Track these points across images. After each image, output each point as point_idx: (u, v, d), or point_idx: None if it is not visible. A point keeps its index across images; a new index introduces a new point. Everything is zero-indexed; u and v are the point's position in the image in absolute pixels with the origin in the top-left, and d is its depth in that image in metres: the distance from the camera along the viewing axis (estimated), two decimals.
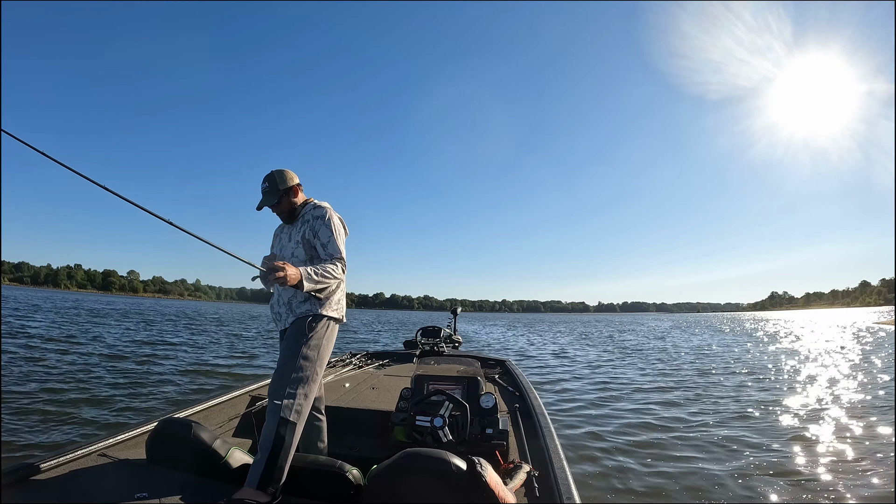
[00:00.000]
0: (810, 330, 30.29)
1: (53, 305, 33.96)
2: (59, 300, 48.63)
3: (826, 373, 10.18)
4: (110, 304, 47.17)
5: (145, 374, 8.30)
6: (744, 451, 4.75)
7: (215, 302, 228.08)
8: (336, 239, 2.39)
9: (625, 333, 28.97)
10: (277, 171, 2.45)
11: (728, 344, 19.36)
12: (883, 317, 53.97)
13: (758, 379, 9.47)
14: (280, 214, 2.52)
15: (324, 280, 2.25)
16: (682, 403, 7.03)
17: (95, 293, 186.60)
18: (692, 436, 5.26)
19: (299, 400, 2.09)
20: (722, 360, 13.24)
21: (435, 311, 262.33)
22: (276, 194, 2.43)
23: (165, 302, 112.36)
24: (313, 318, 2.30)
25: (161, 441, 2.04)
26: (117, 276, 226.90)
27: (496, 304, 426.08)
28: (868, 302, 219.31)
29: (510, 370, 4.40)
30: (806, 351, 15.50)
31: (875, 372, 10.23)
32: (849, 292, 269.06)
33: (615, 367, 11.61)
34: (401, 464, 1.75)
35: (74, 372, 7.96)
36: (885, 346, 17.23)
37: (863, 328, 30.70)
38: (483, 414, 2.63)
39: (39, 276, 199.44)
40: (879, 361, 12.22)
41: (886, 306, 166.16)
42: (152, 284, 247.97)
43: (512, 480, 2.00)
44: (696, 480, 4.00)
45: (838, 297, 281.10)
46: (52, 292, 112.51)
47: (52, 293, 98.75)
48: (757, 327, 37.75)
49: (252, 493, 1.81)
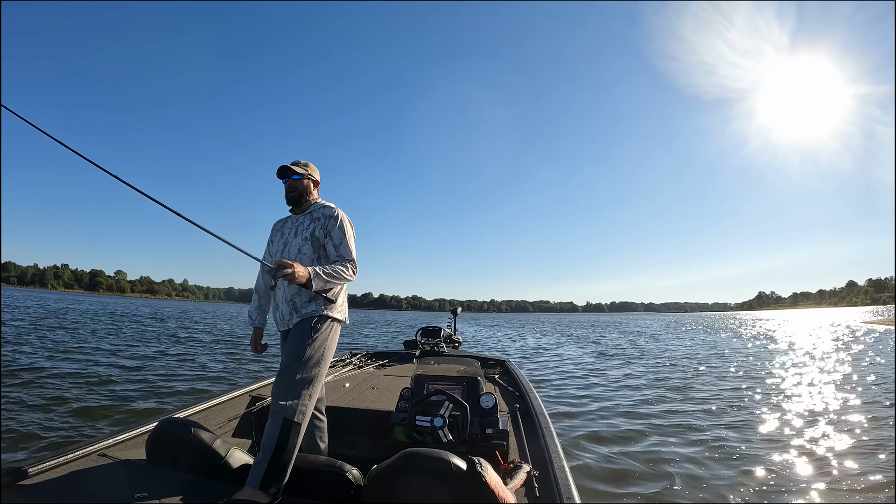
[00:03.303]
0: (805, 331, 30.15)
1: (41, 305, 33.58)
2: (48, 300, 48.03)
3: (824, 373, 10.27)
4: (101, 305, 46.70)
5: (144, 374, 8.25)
6: (744, 450, 4.76)
7: (203, 302, 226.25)
8: (349, 241, 2.40)
9: (618, 333, 29.04)
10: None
11: (723, 344, 19.42)
12: (871, 316, 54.44)
13: (756, 379, 9.50)
14: (290, 193, 2.49)
15: (332, 281, 2.25)
16: (682, 404, 7.06)
17: (83, 293, 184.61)
18: (692, 436, 5.28)
19: (304, 401, 2.09)
20: (718, 360, 13.31)
21: (423, 312, 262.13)
22: (303, 173, 2.48)
23: (154, 302, 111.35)
24: (318, 319, 2.30)
25: (161, 441, 2.03)
26: (104, 276, 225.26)
27: (484, 303, 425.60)
28: (855, 302, 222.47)
29: (510, 370, 4.41)
30: (807, 350, 15.63)
31: (872, 371, 10.39)
32: (836, 292, 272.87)
33: (613, 368, 11.65)
34: (401, 464, 1.75)
35: (75, 371, 7.91)
36: (875, 344, 17.54)
37: (855, 328, 30.88)
38: (483, 414, 2.63)
39: (26, 275, 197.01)
40: (882, 359, 12.42)
41: (873, 306, 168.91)
42: (140, 284, 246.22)
43: (512, 480, 2.00)
44: (696, 480, 4.01)
45: (825, 296, 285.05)
46: (39, 292, 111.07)
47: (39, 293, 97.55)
48: (754, 327, 37.68)
49: (253, 494, 1.80)
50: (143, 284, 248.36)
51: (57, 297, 77.48)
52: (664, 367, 11.76)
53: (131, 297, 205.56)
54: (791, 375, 9.94)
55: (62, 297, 69.14)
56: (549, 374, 10.27)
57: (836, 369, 10.77)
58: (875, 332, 26.38)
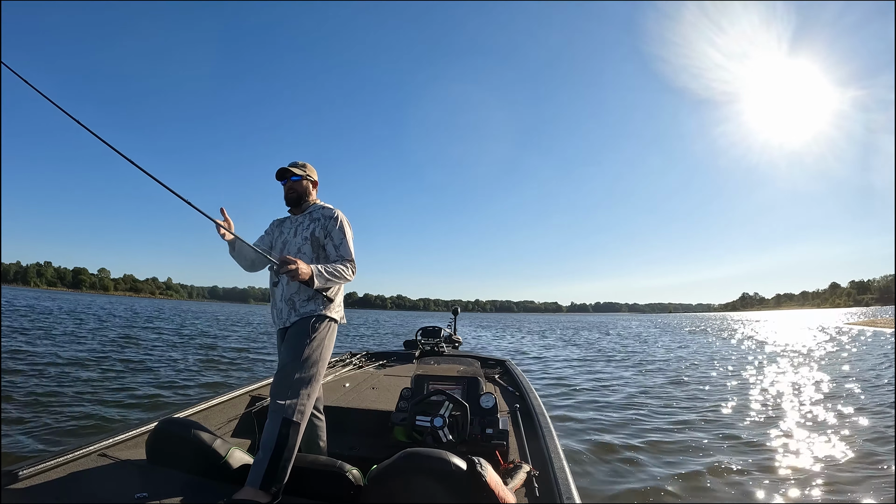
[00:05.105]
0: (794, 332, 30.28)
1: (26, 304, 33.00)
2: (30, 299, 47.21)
3: (821, 372, 10.43)
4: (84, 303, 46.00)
5: (144, 375, 8.20)
6: (744, 450, 4.80)
7: (187, 300, 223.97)
8: (348, 241, 2.42)
9: (609, 335, 29.17)
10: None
11: (715, 345, 19.56)
12: (855, 318, 55.10)
13: (756, 379, 9.60)
14: (289, 194, 2.51)
15: (333, 280, 2.27)
16: (682, 404, 7.10)
17: (66, 291, 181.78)
18: (692, 436, 5.31)
19: (302, 400, 2.09)
20: (715, 360, 13.41)
21: (408, 311, 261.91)
22: (301, 174, 2.49)
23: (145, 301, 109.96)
24: (317, 318, 2.30)
25: (161, 441, 2.02)
26: (87, 274, 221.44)
27: (469, 303, 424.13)
28: (838, 303, 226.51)
29: (510, 370, 4.41)
30: (800, 352, 15.78)
31: (867, 371, 10.57)
32: (818, 294, 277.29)
33: (612, 368, 11.71)
34: (401, 464, 1.75)
35: (74, 372, 7.85)
36: (866, 345, 17.95)
37: (841, 329, 31.23)
38: (483, 414, 2.65)
39: (9, 273, 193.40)
40: (872, 360, 12.65)
41: (856, 307, 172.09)
42: (123, 283, 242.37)
43: (512, 480, 2.01)
44: (696, 480, 4.03)
45: (808, 298, 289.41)
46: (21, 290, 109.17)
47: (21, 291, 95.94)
48: (746, 328, 37.85)
49: (253, 493, 1.80)
50: (127, 283, 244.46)
51: (37, 294, 76.18)
52: (664, 368, 11.83)
53: (114, 295, 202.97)
54: (790, 375, 10.10)
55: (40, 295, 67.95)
56: (549, 374, 10.31)
57: (835, 369, 10.94)
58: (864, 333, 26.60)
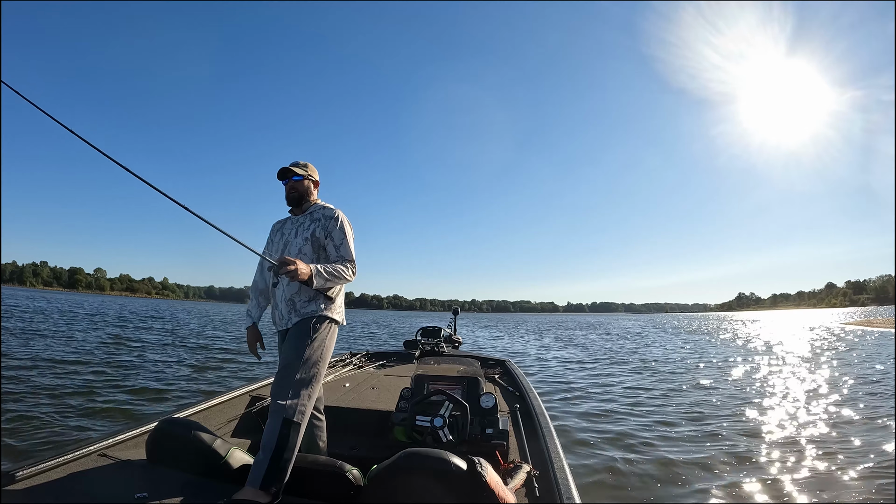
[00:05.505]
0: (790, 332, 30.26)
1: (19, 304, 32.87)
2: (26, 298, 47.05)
3: (819, 373, 10.46)
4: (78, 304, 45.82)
5: (143, 375, 8.20)
6: (744, 450, 4.80)
7: (183, 300, 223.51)
8: (349, 242, 2.42)
9: (610, 334, 29.19)
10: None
11: (711, 346, 19.59)
12: (851, 318, 55.26)
13: (754, 379, 9.63)
14: (291, 194, 2.50)
15: (333, 280, 2.28)
16: (682, 404, 7.10)
17: (62, 291, 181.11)
18: (692, 436, 5.32)
19: (303, 401, 2.09)
20: (714, 361, 13.43)
21: (404, 311, 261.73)
22: (303, 174, 2.49)
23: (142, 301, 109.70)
24: (317, 319, 2.30)
25: (161, 441, 2.02)
26: (83, 274, 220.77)
27: (465, 303, 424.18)
28: (834, 303, 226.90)
29: (510, 370, 4.42)
30: (799, 352, 15.82)
31: (866, 371, 10.61)
32: (815, 294, 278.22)
33: (611, 368, 11.71)
34: (401, 464, 1.75)
35: (74, 372, 7.84)
36: (863, 345, 18.06)
37: (838, 329, 31.26)
38: (483, 414, 2.65)
39: (4, 273, 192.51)
40: (872, 361, 12.68)
41: (852, 307, 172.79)
42: (119, 283, 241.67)
43: (512, 480, 2.01)
44: (696, 480, 4.03)
45: (804, 298, 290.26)
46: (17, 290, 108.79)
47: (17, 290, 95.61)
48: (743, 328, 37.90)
49: (254, 493, 1.80)
50: (123, 283, 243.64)
51: (31, 294, 75.91)
52: (663, 368, 11.82)
53: (111, 294, 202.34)
54: (786, 375, 10.16)
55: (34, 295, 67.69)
56: (548, 374, 10.32)
57: (834, 369, 10.99)
58: (864, 334, 26.48)
